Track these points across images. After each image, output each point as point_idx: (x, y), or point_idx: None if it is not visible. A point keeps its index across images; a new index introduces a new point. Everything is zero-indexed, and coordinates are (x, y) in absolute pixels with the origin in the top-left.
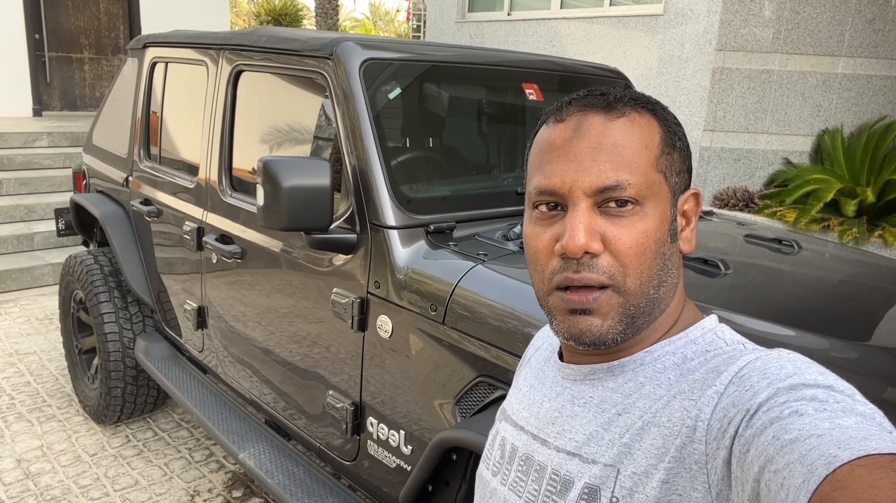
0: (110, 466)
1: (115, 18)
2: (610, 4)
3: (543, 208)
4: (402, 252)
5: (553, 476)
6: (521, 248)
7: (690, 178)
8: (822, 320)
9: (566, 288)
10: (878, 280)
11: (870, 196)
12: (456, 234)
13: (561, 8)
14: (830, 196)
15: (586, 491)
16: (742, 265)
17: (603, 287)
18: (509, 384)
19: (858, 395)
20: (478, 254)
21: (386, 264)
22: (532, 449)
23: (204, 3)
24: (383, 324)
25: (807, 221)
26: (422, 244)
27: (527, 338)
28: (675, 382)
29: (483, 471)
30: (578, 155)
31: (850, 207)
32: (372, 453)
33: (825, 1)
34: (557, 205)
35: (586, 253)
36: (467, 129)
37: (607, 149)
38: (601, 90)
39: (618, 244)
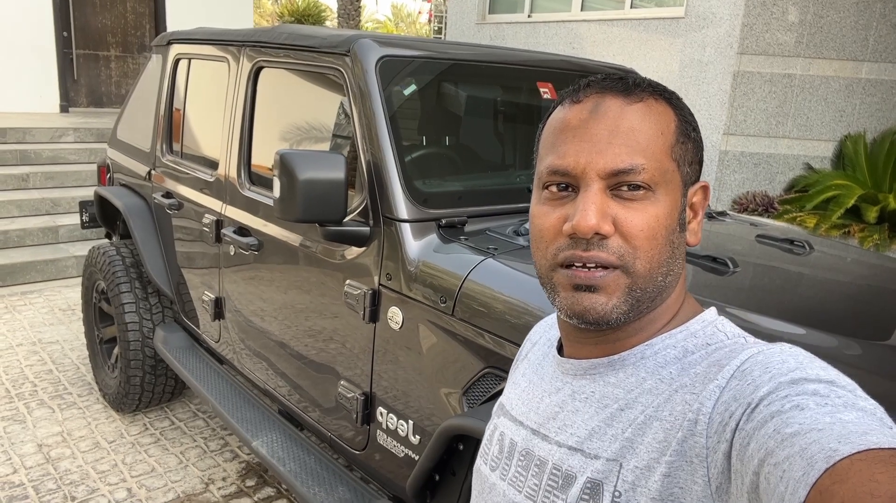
0: (128, 453)
1: (141, 17)
2: (631, 7)
3: (553, 188)
4: (414, 245)
5: (554, 471)
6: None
7: (701, 170)
8: (830, 319)
9: (571, 265)
10: (891, 282)
11: (892, 202)
12: (467, 228)
13: (582, 10)
14: (852, 202)
15: (589, 485)
16: (751, 264)
17: (611, 267)
18: None
19: (860, 391)
20: (488, 248)
21: (398, 257)
22: (532, 444)
23: (228, 2)
24: (394, 315)
25: (827, 227)
26: (433, 238)
27: None
28: (677, 376)
29: (481, 466)
30: (594, 136)
31: (872, 214)
32: (381, 443)
33: (849, 5)
34: (568, 186)
35: (596, 234)
36: (481, 127)
37: (623, 132)
38: (619, 75)
39: (629, 226)
